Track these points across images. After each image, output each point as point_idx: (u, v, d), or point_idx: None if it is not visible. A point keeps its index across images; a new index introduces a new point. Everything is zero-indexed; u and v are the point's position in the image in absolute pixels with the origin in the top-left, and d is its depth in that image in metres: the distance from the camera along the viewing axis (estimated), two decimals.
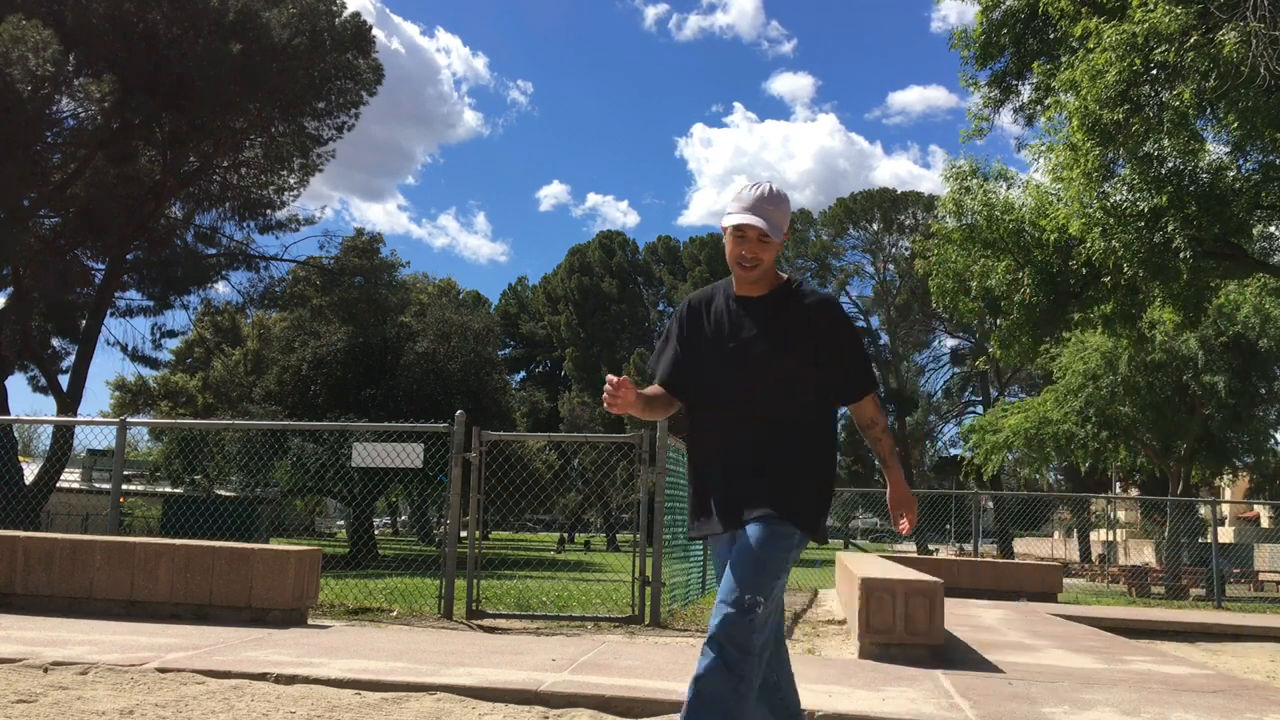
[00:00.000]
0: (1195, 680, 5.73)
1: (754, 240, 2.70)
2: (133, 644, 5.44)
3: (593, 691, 4.45)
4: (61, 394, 24.60)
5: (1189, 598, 17.42)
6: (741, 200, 2.72)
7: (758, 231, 2.70)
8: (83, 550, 6.94)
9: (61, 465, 24.66)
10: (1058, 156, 11.58)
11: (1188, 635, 9.79)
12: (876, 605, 5.97)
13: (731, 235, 2.73)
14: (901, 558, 12.07)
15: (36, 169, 21.43)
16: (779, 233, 2.72)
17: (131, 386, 36.54)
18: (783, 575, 2.62)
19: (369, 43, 25.15)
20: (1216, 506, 19.81)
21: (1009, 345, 13.82)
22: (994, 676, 5.50)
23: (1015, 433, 22.58)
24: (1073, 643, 7.51)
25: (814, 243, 56.63)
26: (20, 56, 18.85)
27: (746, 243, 2.71)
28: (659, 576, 7.83)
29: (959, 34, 14.09)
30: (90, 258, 25.82)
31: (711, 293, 2.87)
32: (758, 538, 2.59)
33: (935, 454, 57.11)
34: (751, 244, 2.70)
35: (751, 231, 2.70)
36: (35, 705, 3.98)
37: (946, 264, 14.05)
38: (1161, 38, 9.70)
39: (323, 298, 28.37)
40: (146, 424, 35.17)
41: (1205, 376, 20.05)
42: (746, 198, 2.72)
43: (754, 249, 2.71)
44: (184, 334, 33.21)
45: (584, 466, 27.82)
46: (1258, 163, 11.47)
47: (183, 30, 21.44)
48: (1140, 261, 10.90)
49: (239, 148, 25.00)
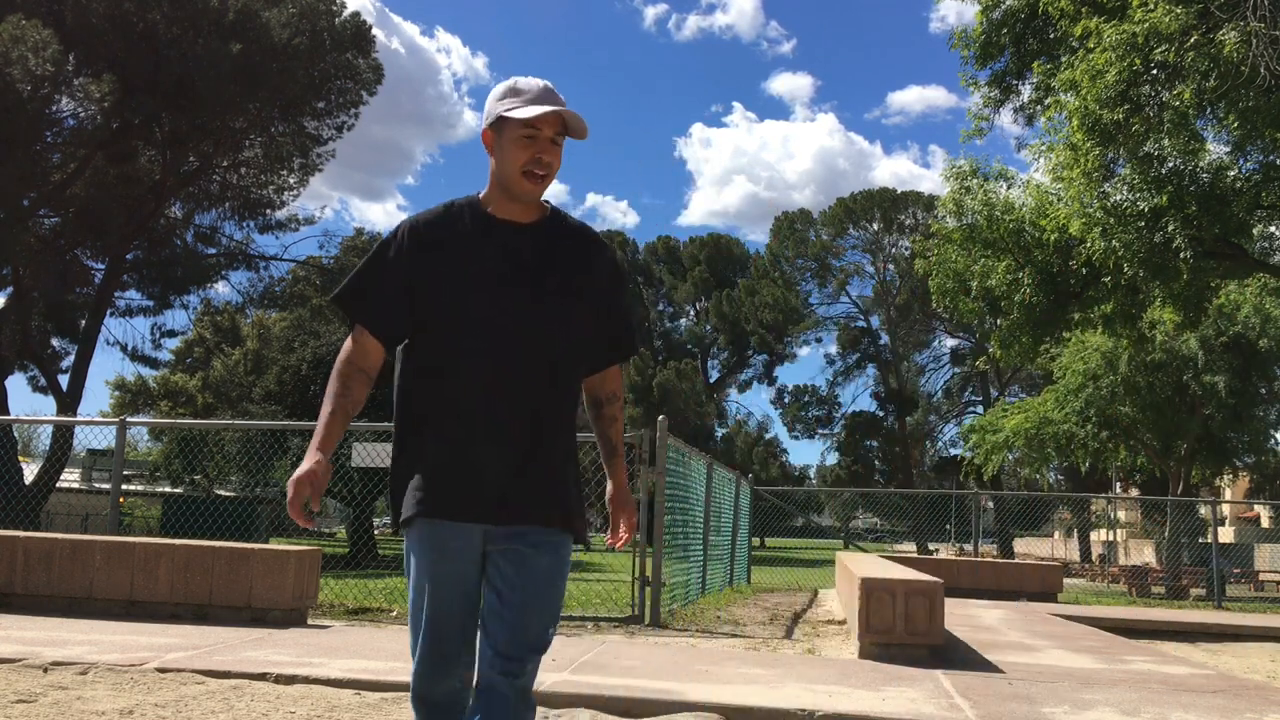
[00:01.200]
0: (1195, 680, 5.73)
1: (547, 141, 2.05)
2: (133, 644, 5.44)
3: (593, 691, 4.45)
4: (61, 394, 24.62)
5: (1189, 598, 17.42)
6: (524, 93, 2.07)
7: (556, 128, 2.06)
8: (83, 550, 6.94)
9: (61, 465, 24.67)
10: (1058, 156, 11.58)
11: (1188, 635, 9.78)
12: (876, 605, 5.96)
13: (518, 134, 2.04)
14: (901, 558, 12.07)
15: (36, 169, 21.44)
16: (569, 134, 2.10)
17: (131, 386, 36.55)
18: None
19: (369, 42, 25.17)
20: (1216, 506, 19.81)
21: (1009, 345, 13.82)
22: (994, 676, 5.49)
23: (1015, 433, 22.57)
24: (1073, 643, 7.51)
25: (814, 243, 56.65)
26: (20, 56, 18.85)
27: (538, 143, 2.04)
28: (659, 576, 7.83)
29: (959, 34, 14.10)
30: (90, 258, 25.86)
31: (449, 215, 2.13)
32: (557, 558, 2.11)
33: (935, 454, 57.13)
34: (545, 145, 2.05)
35: (548, 129, 2.05)
36: (35, 705, 3.98)
37: (946, 264, 14.05)
38: (1161, 38, 9.70)
39: (323, 297, 28.37)
40: (146, 424, 35.19)
41: (1205, 376, 20.04)
42: (529, 88, 2.08)
43: (550, 151, 2.06)
44: (184, 334, 33.29)
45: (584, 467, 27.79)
46: (1258, 163, 11.48)
47: (183, 30, 21.45)
48: (1140, 261, 10.90)
49: (239, 148, 25.02)
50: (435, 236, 2.10)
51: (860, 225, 55.74)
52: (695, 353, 55.45)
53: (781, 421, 59.37)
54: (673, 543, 8.75)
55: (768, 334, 53.43)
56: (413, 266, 2.09)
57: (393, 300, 2.11)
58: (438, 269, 2.08)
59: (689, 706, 4.29)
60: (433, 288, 2.07)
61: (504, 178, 2.09)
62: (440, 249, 2.09)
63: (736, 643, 6.89)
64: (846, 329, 57.52)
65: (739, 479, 14.10)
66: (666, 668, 5.25)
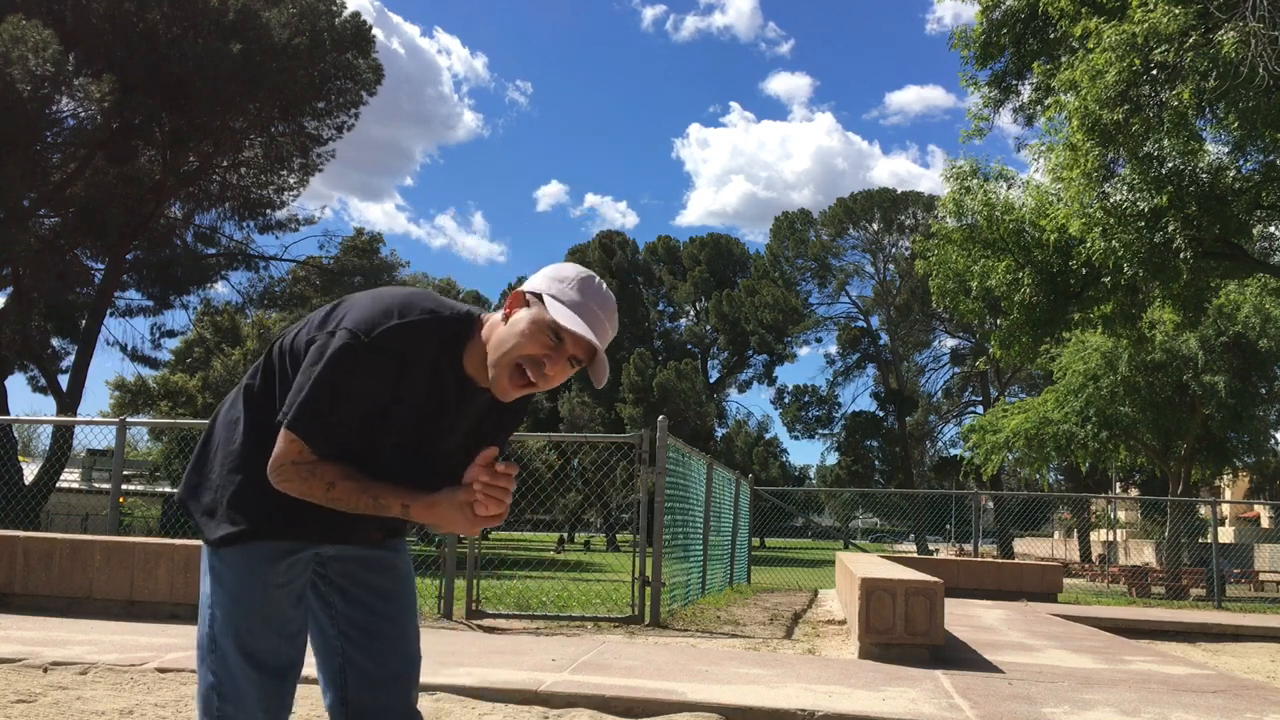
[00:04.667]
0: (1195, 680, 5.73)
1: (564, 356, 1.78)
2: (132, 644, 5.43)
3: (593, 691, 4.45)
4: (61, 394, 24.61)
5: (1189, 598, 17.41)
6: (585, 296, 1.80)
7: (583, 353, 1.80)
8: (83, 550, 6.94)
9: (61, 465, 24.65)
10: (1058, 156, 11.59)
11: (1188, 635, 9.79)
12: (876, 605, 5.96)
13: (543, 336, 1.77)
14: (901, 558, 12.07)
15: (36, 169, 21.44)
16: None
17: (131, 386, 36.51)
18: None
19: (369, 43, 25.17)
20: (1216, 506, 19.78)
21: (1009, 345, 13.82)
22: (994, 676, 5.49)
23: (1015, 433, 22.57)
24: (1073, 643, 7.51)
25: (814, 243, 56.68)
26: (20, 56, 18.86)
27: (558, 360, 1.79)
28: (659, 576, 7.83)
29: (959, 34, 14.11)
30: (90, 258, 25.86)
31: (432, 356, 1.81)
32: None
33: (935, 454, 57.16)
34: (559, 359, 1.78)
35: (575, 348, 1.78)
36: (35, 705, 3.98)
37: (947, 264, 14.06)
38: (1161, 38, 9.70)
39: (323, 298, 28.38)
40: (146, 424, 35.12)
41: (1205, 376, 20.04)
42: (592, 297, 1.81)
43: (559, 369, 1.80)
44: (184, 334, 33.30)
45: (584, 466, 27.82)
46: (1258, 163, 11.49)
47: (182, 30, 21.45)
48: (1140, 261, 10.91)
49: (239, 148, 25.02)
50: (411, 370, 1.83)
51: (860, 225, 55.77)
52: (695, 353, 55.43)
53: (781, 421, 59.48)
54: (673, 543, 8.76)
55: (768, 334, 53.43)
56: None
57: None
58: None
59: (689, 706, 4.29)
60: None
61: (496, 357, 1.80)
62: (412, 383, 1.84)
63: (736, 643, 6.89)
64: (846, 329, 57.55)
65: (739, 479, 14.10)
66: (666, 668, 5.25)
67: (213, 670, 1.85)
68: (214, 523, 1.86)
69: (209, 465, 1.91)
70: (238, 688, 1.85)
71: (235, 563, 1.84)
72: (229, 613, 1.84)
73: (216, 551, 1.86)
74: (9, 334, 22.97)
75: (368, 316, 1.79)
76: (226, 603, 1.84)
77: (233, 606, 1.84)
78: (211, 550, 1.87)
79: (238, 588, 1.84)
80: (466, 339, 1.85)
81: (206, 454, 1.93)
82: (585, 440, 11.33)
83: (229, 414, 1.93)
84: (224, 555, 1.85)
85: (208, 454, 1.93)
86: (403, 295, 1.86)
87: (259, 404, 1.88)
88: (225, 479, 1.86)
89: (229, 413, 1.93)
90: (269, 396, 1.87)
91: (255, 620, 1.85)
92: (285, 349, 1.88)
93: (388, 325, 1.77)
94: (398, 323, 1.78)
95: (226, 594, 1.84)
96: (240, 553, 1.84)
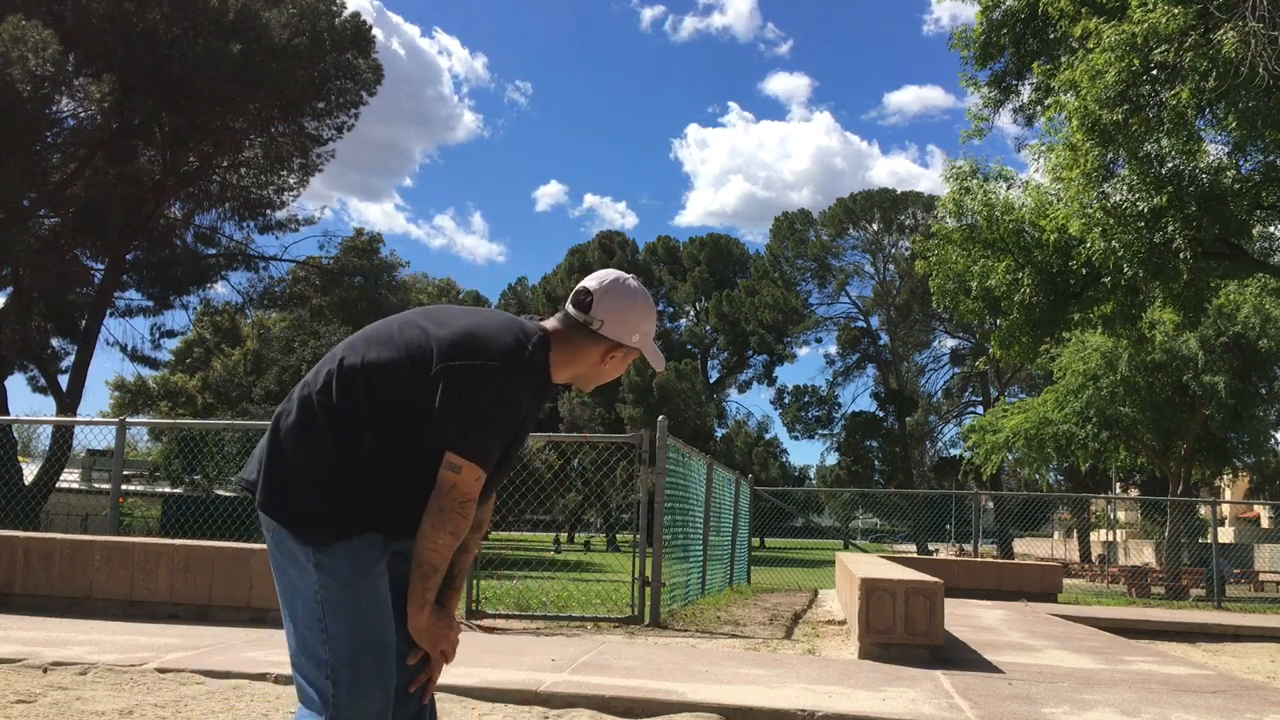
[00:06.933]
0: (1195, 680, 5.73)
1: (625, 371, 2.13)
2: (132, 644, 5.44)
3: (593, 691, 4.45)
4: (61, 394, 24.60)
5: (1189, 598, 17.41)
6: (650, 314, 2.21)
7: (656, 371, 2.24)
8: (82, 550, 6.94)
9: (61, 465, 24.63)
10: (1057, 157, 11.58)
11: (1188, 635, 9.79)
12: (876, 605, 5.96)
13: (622, 356, 2.17)
14: (901, 558, 12.07)
15: (36, 169, 21.43)
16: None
17: (131, 386, 36.51)
18: None
19: (369, 43, 25.15)
20: (1216, 506, 19.77)
21: (1009, 345, 13.82)
22: (994, 677, 5.50)
23: (1015, 433, 22.58)
24: (1073, 643, 7.51)
25: (814, 243, 56.68)
26: (20, 56, 18.85)
27: (623, 372, 2.29)
28: (659, 577, 7.83)
29: (959, 34, 14.12)
30: (90, 258, 25.84)
31: (540, 374, 2.08)
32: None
33: (935, 454, 57.17)
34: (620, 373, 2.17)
35: (655, 367, 2.23)
36: (35, 705, 3.98)
37: (947, 264, 14.06)
38: (1161, 38, 9.70)
39: (322, 298, 28.38)
40: (146, 424, 35.09)
41: (1205, 376, 20.05)
42: (650, 307, 2.21)
43: (616, 376, 2.25)
44: (184, 334, 33.24)
45: (584, 466, 27.78)
46: (1258, 163, 11.48)
47: (182, 30, 21.44)
48: (1140, 261, 10.91)
49: (239, 148, 25.00)
50: (528, 393, 2.10)
51: (860, 225, 55.77)
52: (695, 353, 55.43)
53: (781, 422, 59.48)
54: (672, 543, 8.75)
55: (768, 334, 53.44)
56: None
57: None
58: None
59: (689, 707, 4.29)
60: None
61: (584, 371, 2.18)
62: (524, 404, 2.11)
63: (736, 643, 6.89)
64: (846, 329, 57.55)
65: (739, 479, 14.10)
66: (666, 668, 5.25)
67: (327, 659, 1.99)
68: (317, 524, 2.01)
69: (293, 475, 2.04)
70: (358, 668, 1.99)
71: (346, 554, 2.00)
72: (345, 601, 1.99)
73: (324, 549, 2.00)
74: (9, 334, 22.96)
75: (501, 341, 2.02)
76: (340, 591, 1.99)
77: (347, 594, 2.00)
78: (316, 549, 2.01)
79: (353, 575, 2.00)
80: (549, 350, 2.12)
81: (282, 466, 2.05)
82: (585, 440, 11.31)
83: (300, 427, 2.04)
84: (334, 550, 2.00)
85: (283, 466, 2.05)
86: (503, 317, 2.11)
87: (344, 417, 2.02)
88: (322, 485, 2.01)
89: (300, 426, 2.04)
90: (351, 410, 2.02)
91: (369, 604, 2.01)
92: (369, 366, 2.03)
93: (529, 348, 2.04)
94: (536, 344, 2.05)
95: (339, 584, 1.99)
96: (349, 546, 2.00)
